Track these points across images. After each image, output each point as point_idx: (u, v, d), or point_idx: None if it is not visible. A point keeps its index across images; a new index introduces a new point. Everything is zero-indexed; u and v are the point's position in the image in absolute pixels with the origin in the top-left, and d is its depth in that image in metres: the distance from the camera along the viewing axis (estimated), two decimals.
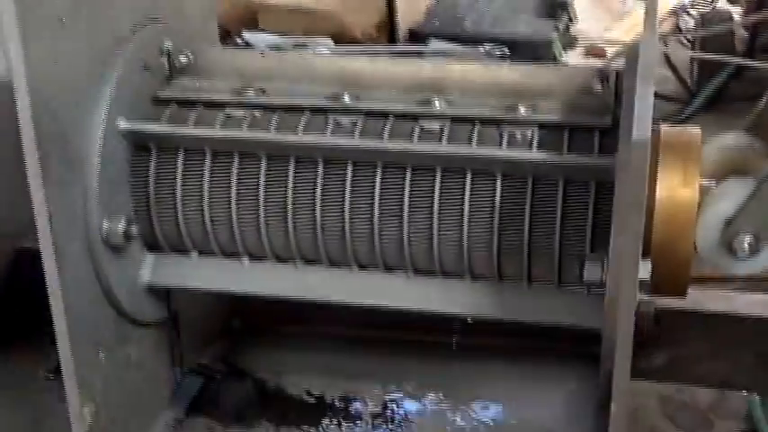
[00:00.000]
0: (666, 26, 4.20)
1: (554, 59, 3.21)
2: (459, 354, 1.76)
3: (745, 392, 1.87)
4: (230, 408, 1.76)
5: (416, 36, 3.19)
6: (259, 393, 1.79)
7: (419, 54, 2.77)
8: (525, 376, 1.76)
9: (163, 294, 1.56)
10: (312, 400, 1.77)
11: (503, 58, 2.55)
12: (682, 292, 1.32)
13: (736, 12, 4.04)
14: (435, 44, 2.99)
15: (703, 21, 3.92)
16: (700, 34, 3.80)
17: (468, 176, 1.35)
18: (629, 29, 4.25)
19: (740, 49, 3.75)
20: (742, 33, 3.83)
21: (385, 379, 1.79)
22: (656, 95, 1.15)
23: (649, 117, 1.08)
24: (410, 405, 1.74)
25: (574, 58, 3.63)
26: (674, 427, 1.88)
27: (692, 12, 4.33)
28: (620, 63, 1.41)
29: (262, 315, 1.82)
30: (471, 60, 2.18)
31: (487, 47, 2.60)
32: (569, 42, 3.46)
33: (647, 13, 1.33)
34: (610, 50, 3.90)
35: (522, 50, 2.91)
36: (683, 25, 4.27)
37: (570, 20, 3.56)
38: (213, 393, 1.78)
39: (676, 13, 4.33)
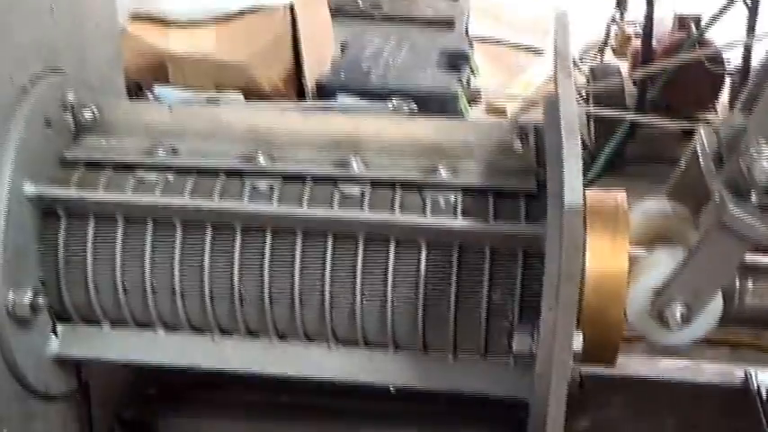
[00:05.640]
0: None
1: (460, 114, 3.19)
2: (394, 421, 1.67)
3: None
4: None
5: (324, 90, 3.15)
6: None
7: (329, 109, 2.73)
8: None
9: (71, 365, 1.48)
10: None
11: (411, 113, 2.51)
12: (611, 361, 1.31)
13: (623, 66, 3.99)
14: (343, 99, 2.97)
15: (594, 75, 3.84)
16: (591, 89, 3.73)
17: (392, 244, 1.31)
18: (526, 85, 4.27)
19: (630, 104, 3.69)
20: (631, 88, 3.77)
21: None
22: None
23: (580, 180, 1.05)
24: None
25: (477, 113, 3.62)
26: None
27: (582, 66, 4.24)
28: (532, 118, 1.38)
29: (177, 380, 1.72)
30: (384, 115, 2.13)
31: (395, 101, 2.56)
32: (473, 96, 3.46)
33: (559, 59, 1.30)
34: (511, 106, 3.91)
35: (429, 104, 2.88)
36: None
37: (472, 72, 3.56)
38: None
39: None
